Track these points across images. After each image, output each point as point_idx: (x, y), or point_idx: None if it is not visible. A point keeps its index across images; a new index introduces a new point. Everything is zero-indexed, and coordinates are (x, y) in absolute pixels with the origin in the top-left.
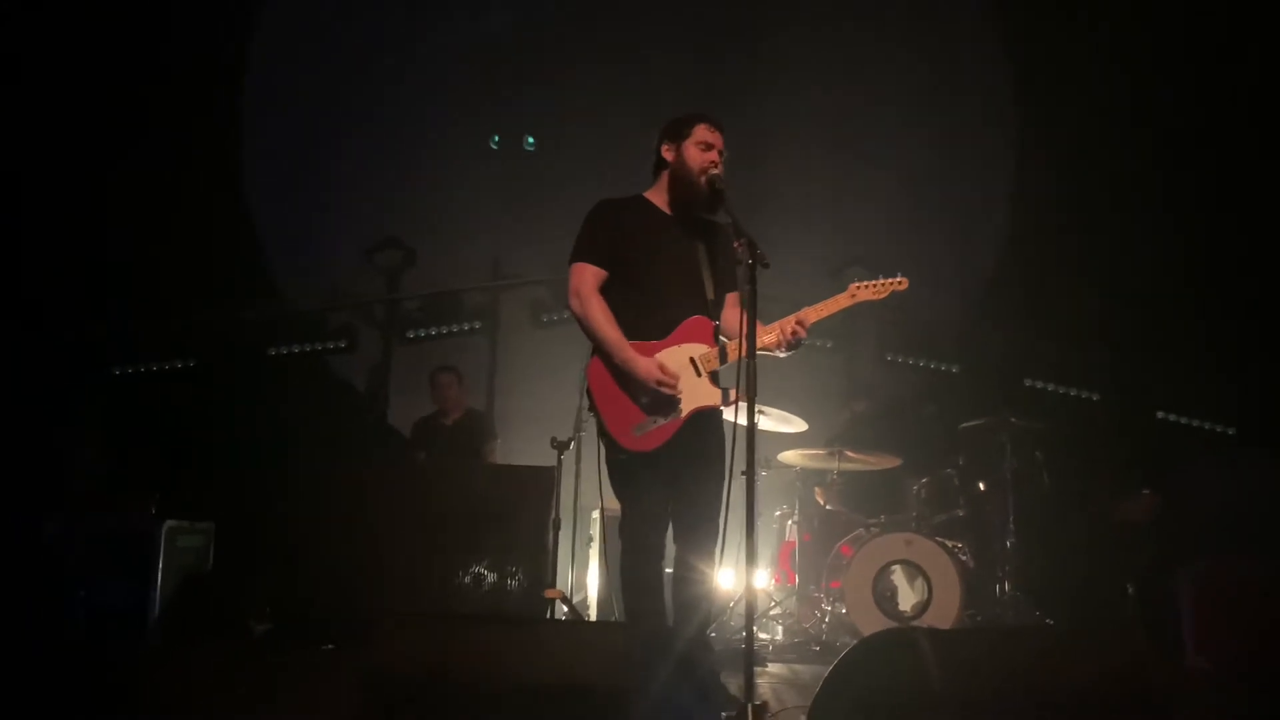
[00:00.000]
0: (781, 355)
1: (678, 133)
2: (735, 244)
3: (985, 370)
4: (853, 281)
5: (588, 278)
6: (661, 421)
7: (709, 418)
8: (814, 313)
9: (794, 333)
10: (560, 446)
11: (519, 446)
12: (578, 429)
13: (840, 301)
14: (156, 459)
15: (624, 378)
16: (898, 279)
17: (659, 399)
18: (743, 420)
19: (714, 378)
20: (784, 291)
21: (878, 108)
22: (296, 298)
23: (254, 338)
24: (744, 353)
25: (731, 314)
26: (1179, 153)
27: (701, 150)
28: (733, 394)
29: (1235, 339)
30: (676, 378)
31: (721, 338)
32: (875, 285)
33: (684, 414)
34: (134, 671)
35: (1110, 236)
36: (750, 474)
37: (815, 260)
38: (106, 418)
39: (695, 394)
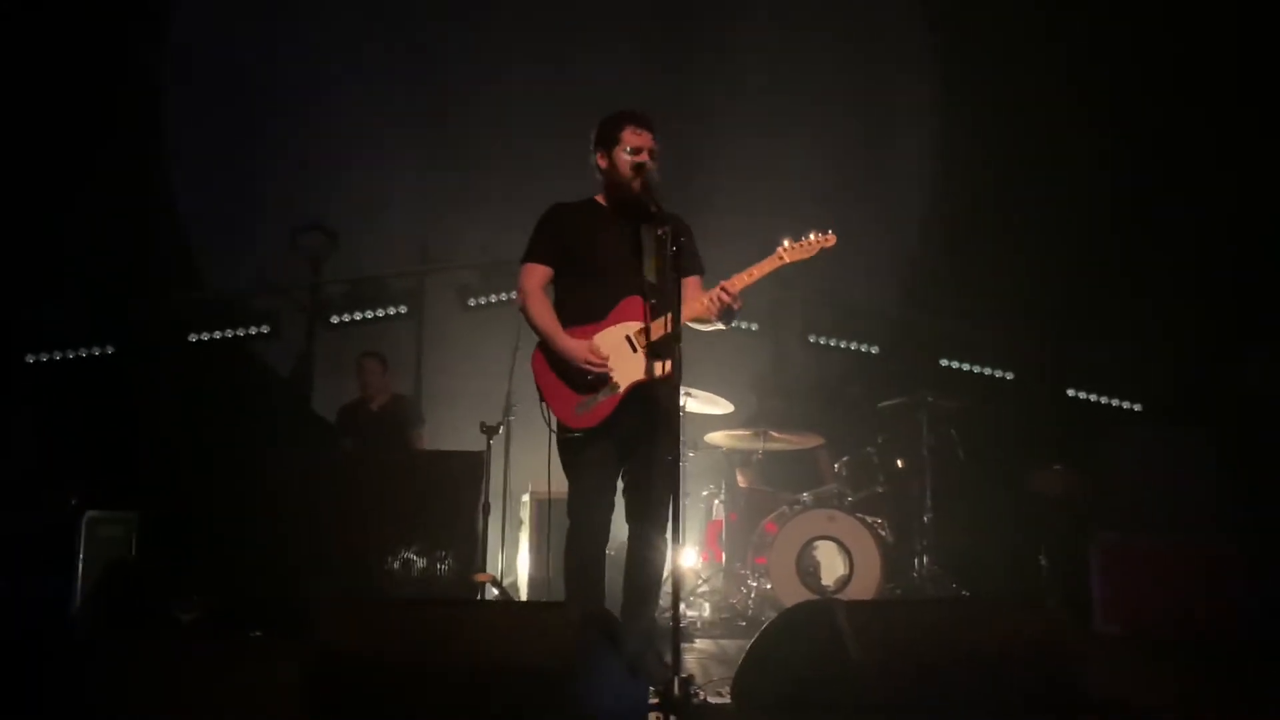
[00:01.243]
0: (721, 326)
1: (607, 139)
2: (658, 230)
3: (904, 351)
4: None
5: (532, 276)
6: (601, 399)
7: (651, 395)
8: (744, 278)
9: (721, 300)
10: (489, 431)
11: (447, 431)
12: (507, 413)
13: (770, 264)
14: (76, 448)
15: (562, 363)
16: (826, 235)
17: (595, 377)
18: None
19: (652, 352)
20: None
21: (804, 89)
22: (218, 283)
23: (175, 323)
24: (669, 329)
25: (690, 293)
26: (1094, 140)
27: (630, 155)
28: (663, 366)
29: (1144, 320)
30: (605, 356)
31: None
32: (803, 244)
33: (622, 389)
34: (61, 662)
35: (1025, 221)
36: (676, 455)
37: (740, 241)
38: (24, 407)
39: (632, 369)
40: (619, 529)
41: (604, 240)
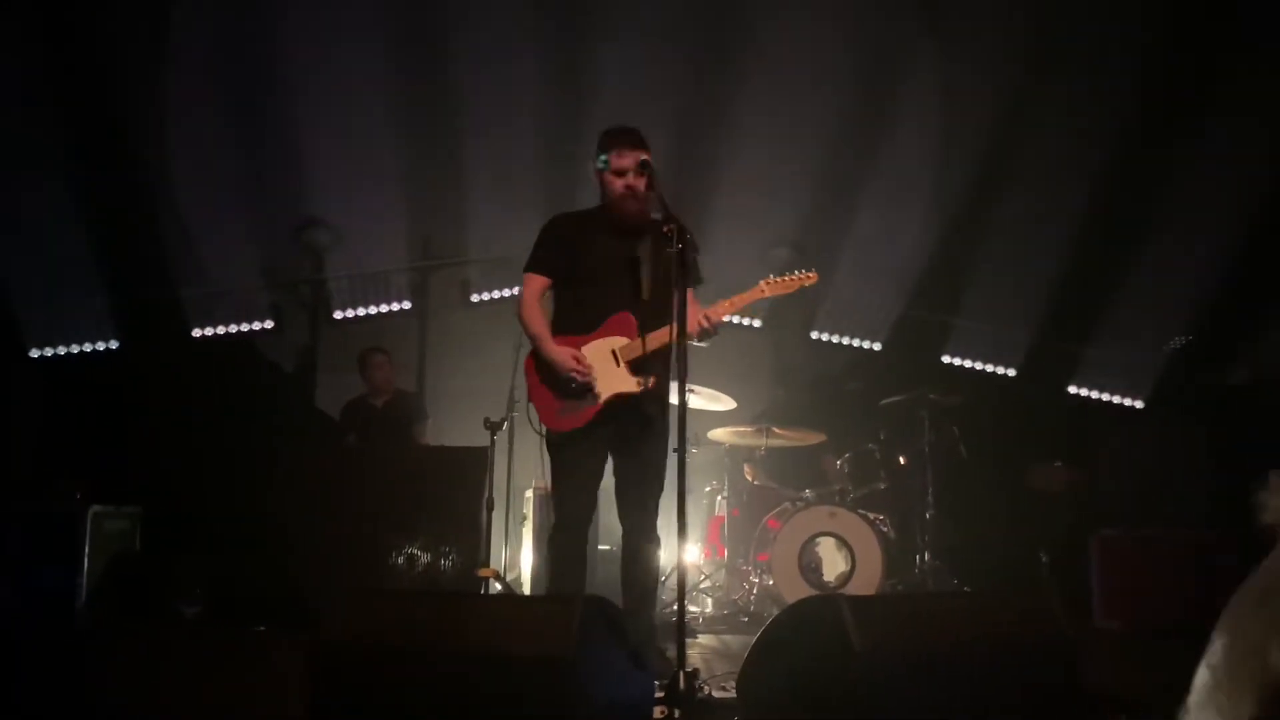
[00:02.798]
0: (699, 344)
1: (597, 159)
2: (664, 229)
3: (906, 347)
4: (769, 271)
5: (530, 285)
6: (581, 406)
7: (632, 405)
8: (726, 306)
9: (703, 325)
10: (493, 427)
11: (450, 427)
12: (510, 409)
13: (750, 296)
14: (82, 443)
15: (549, 368)
16: (807, 274)
17: (577, 385)
18: (675, 400)
19: (633, 367)
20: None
21: (813, 91)
22: (222, 278)
23: (179, 319)
24: (674, 336)
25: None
26: (1095, 140)
27: (615, 177)
28: (650, 380)
29: (1146, 318)
30: (589, 366)
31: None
32: (785, 280)
33: (601, 400)
34: (67, 655)
35: (1026, 219)
36: (682, 451)
37: (742, 243)
38: (30, 402)
39: (612, 381)
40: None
41: (601, 253)
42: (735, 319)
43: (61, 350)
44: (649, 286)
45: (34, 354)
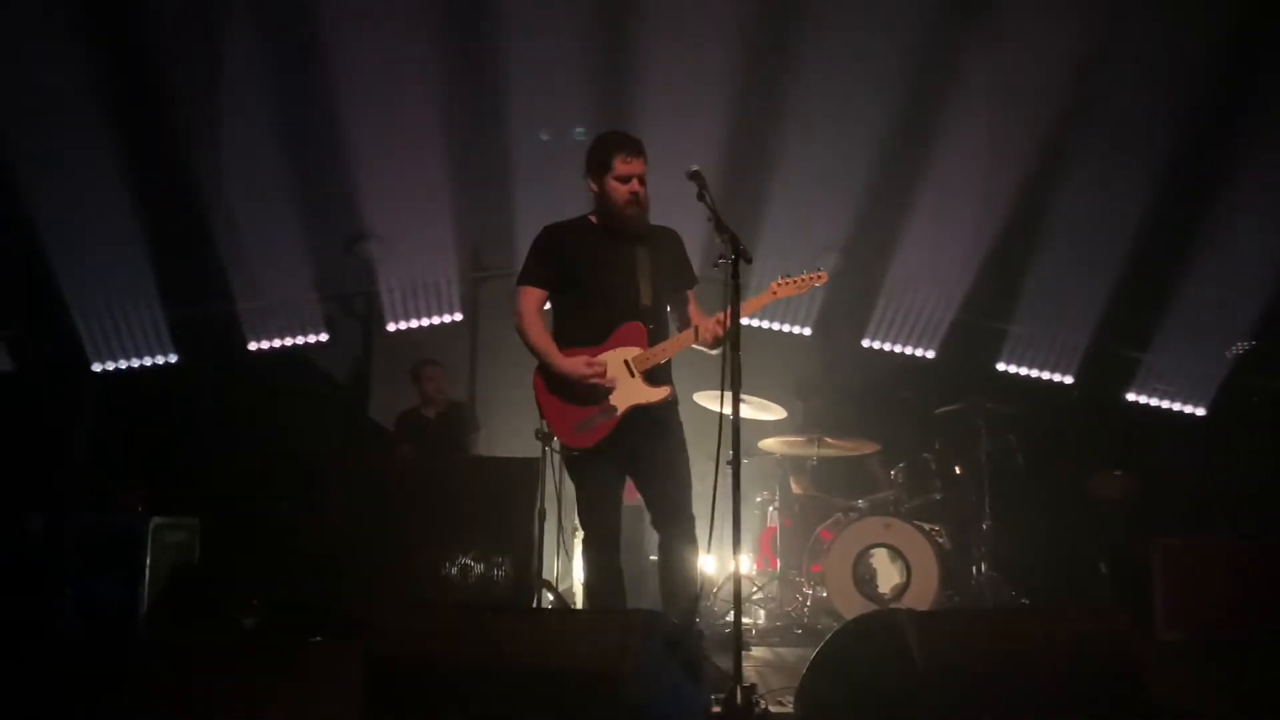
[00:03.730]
0: (710, 352)
1: (598, 166)
2: (720, 237)
3: (959, 355)
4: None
5: (527, 299)
6: (599, 419)
7: (650, 414)
8: (744, 308)
9: (715, 332)
10: (545, 438)
11: (502, 437)
12: None
13: (762, 299)
14: (142, 455)
15: (560, 383)
16: (817, 274)
17: (593, 398)
18: (728, 410)
19: (649, 377)
20: (755, 279)
21: (864, 94)
22: (276, 292)
23: (235, 333)
24: (730, 345)
25: (690, 310)
26: (1154, 140)
27: (620, 184)
28: (660, 391)
29: (1208, 323)
30: (603, 365)
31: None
32: (796, 281)
33: (619, 412)
34: (127, 665)
35: (1082, 222)
36: (736, 463)
37: (791, 247)
38: (91, 415)
39: (629, 393)
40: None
41: (600, 262)
42: (784, 327)
43: (122, 364)
44: (650, 293)
45: (95, 368)
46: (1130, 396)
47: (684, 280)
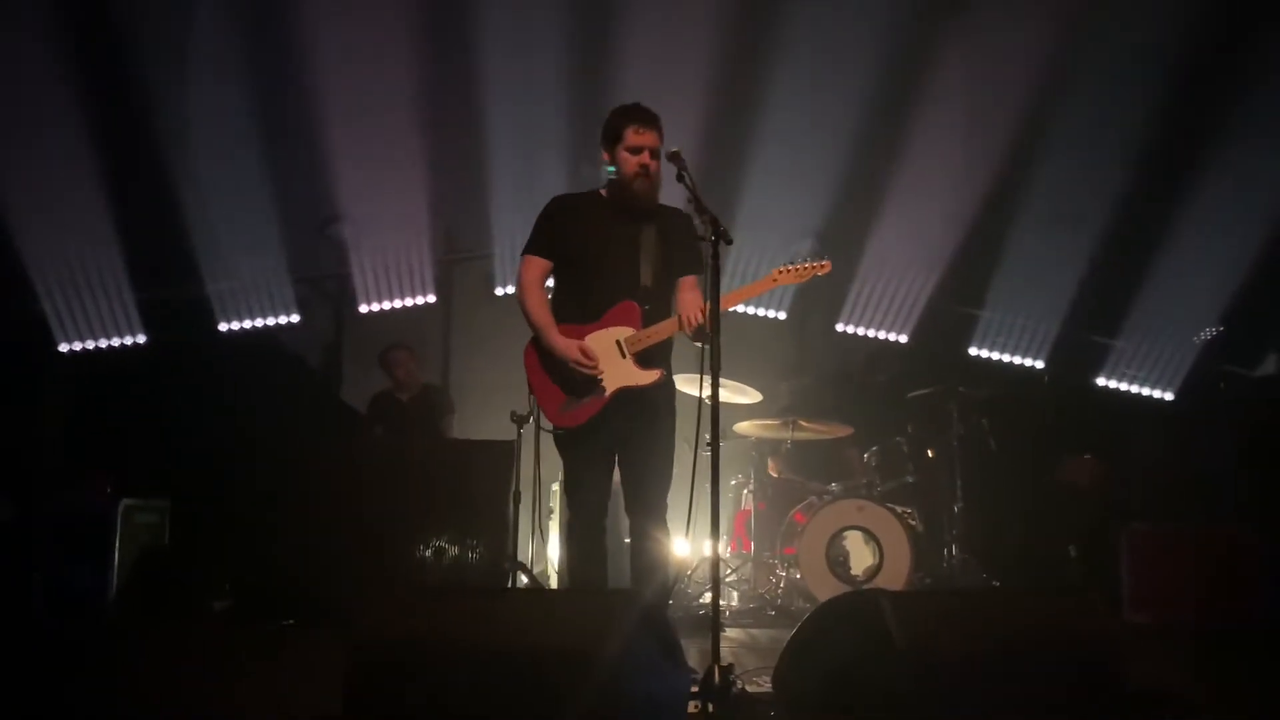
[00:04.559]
0: (696, 344)
1: (611, 137)
2: (699, 219)
3: (932, 340)
4: (791, 260)
5: (530, 269)
6: (586, 400)
7: (638, 396)
8: (735, 296)
9: (693, 322)
10: (519, 420)
11: (476, 420)
12: (536, 403)
13: (761, 286)
14: (110, 438)
15: (552, 359)
16: (820, 263)
17: (582, 378)
18: (706, 394)
19: (640, 359)
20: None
21: (839, 82)
22: (247, 273)
23: (205, 314)
24: (709, 328)
25: (684, 297)
26: (1125, 129)
27: (630, 154)
28: (651, 374)
29: (1177, 310)
30: (595, 358)
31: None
32: (799, 269)
33: (607, 393)
34: (97, 648)
35: (1055, 209)
36: (715, 447)
37: (766, 235)
38: (58, 398)
39: (619, 374)
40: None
41: (603, 238)
42: (760, 311)
43: (90, 345)
44: (651, 273)
45: (63, 349)
46: (1100, 381)
47: (687, 265)
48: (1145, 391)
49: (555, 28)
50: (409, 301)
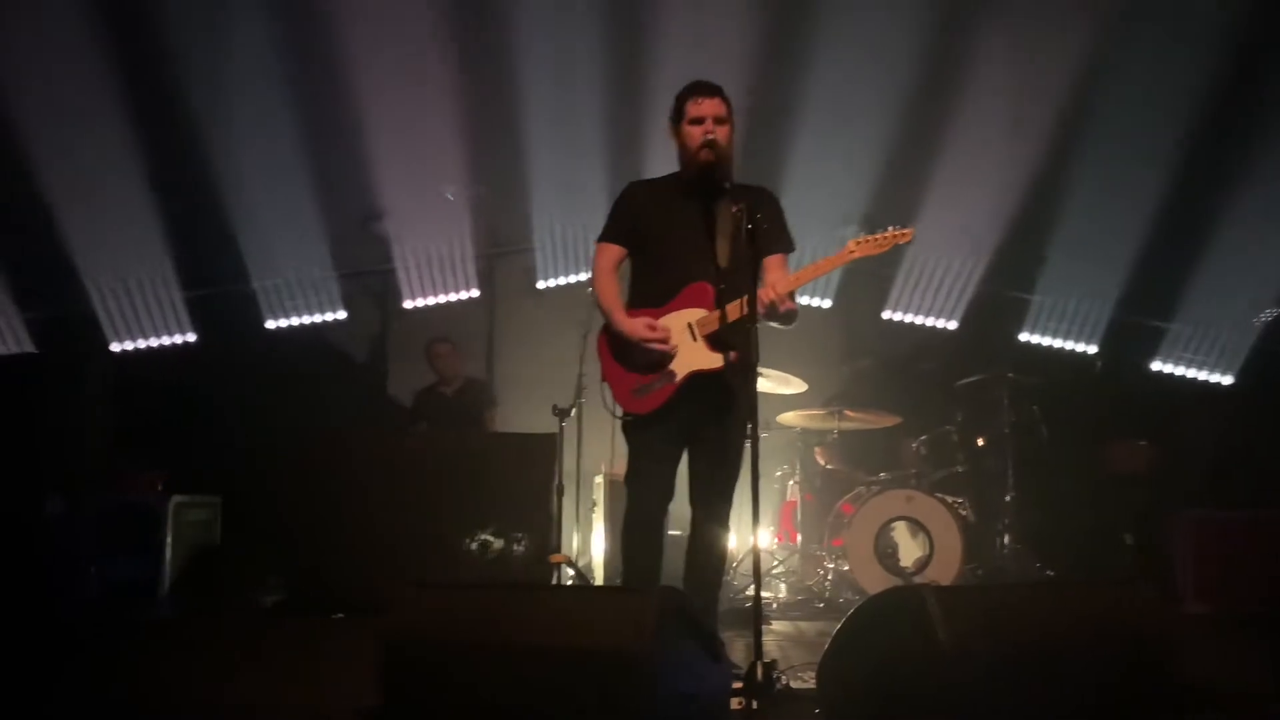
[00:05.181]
0: (776, 326)
1: (675, 114)
2: (733, 208)
3: (982, 327)
4: (836, 249)
5: (602, 256)
6: (658, 385)
7: (712, 384)
8: (809, 272)
9: (763, 301)
10: (561, 414)
11: (519, 413)
12: (578, 395)
13: (838, 259)
14: (161, 436)
15: (623, 344)
16: (901, 230)
17: (653, 361)
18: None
19: (712, 342)
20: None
21: (885, 62)
22: (293, 270)
23: (253, 311)
24: (749, 319)
25: (768, 277)
26: (1179, 105)
27: (694, 126)
28: (732, 356)
29: (1236, 292)
30: (666, 331)
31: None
32: (876, 239)
33: (679, 377)
34: (149, 644)
35: (1106, 189)
36: (755, 435)
37: (810, 219)
38: (109, 397)
39: (691, 357)
40: (684, 510)
41: (676, 220)
42: (805, 299)
43: (140, 344)
44: (726, 253)
45: (114, 348)
46: (1155, 366)
47: (771, 243)
48: (1202, 376)
49: (594, 20)
50: (452, 296)
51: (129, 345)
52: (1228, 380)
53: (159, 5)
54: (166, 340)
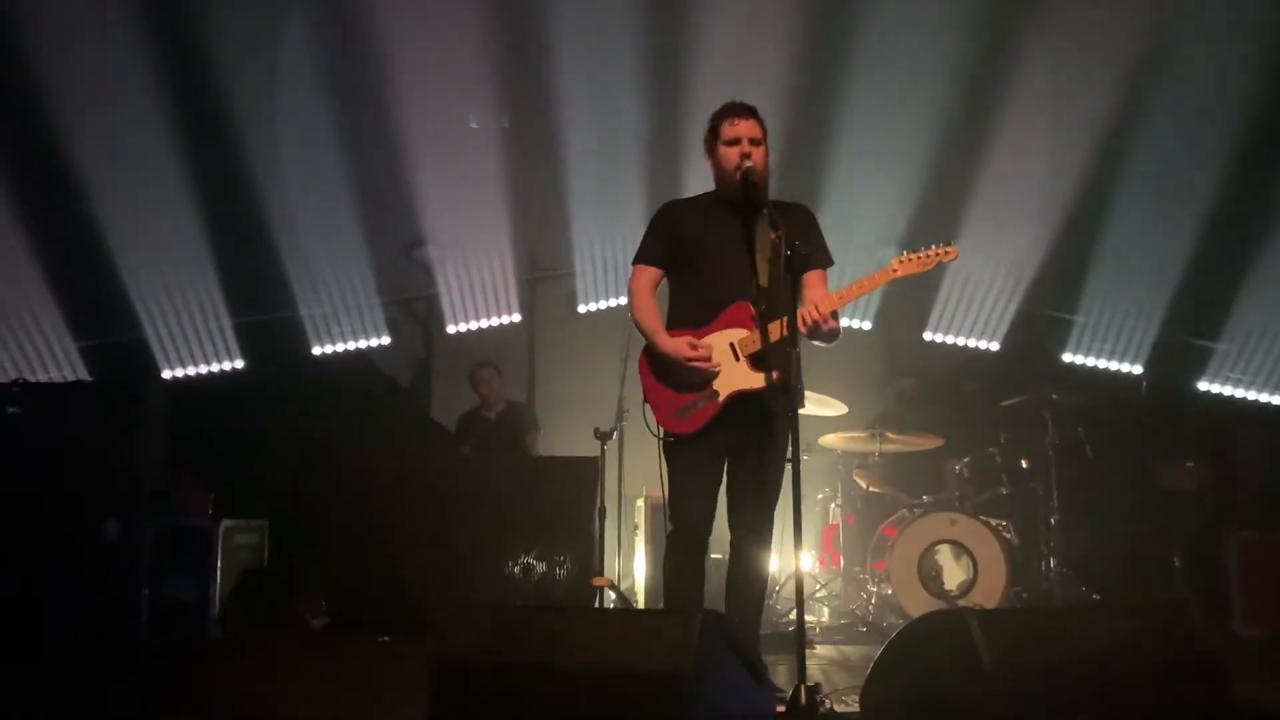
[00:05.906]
0: (818, 344)
1: (710, 136)
2: (772, 235)
3: (1024, 347)
4: (893, 258)
5: (640, 278)
6: (700, 406)
7: (755, 405)
8: (853, 290)
9: (806, 320)
10: (603, 437)
11: (561, 437)
12: (619, 419)
13: (881, 277)
14: (211, 460)
15: (665, 365)
16: (945, 247)
17: (696, 381)
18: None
19: (755, 362)
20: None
21: (923, 85)
22: (339, 297)
23: (300, 338)
24: (789, 343)
25: (811, 293)
26: (1222, 122)
27: (729, 147)
28: (774, 376)
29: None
30: (708, 348)
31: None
32: (921, 257)
33: (722, 397)
34: (200, 664)
35: (1148, 208)
36: (796, 458)
37: (847, 242)
38: (160, 423)
39: (734, 378)
40: (724, 533)
41: (714, 240)
42: (845, 321)
43: (191, 371)
44: (766, 272)
45: (166, 375)
46: (1203, 386)
47: (810, 260)
48: (1251, 395)
49: (635, 45)
50: (495, 321)
51: (180, 372)
52: (1278, 400)
53: (211, 33)
54: (216, 367)
